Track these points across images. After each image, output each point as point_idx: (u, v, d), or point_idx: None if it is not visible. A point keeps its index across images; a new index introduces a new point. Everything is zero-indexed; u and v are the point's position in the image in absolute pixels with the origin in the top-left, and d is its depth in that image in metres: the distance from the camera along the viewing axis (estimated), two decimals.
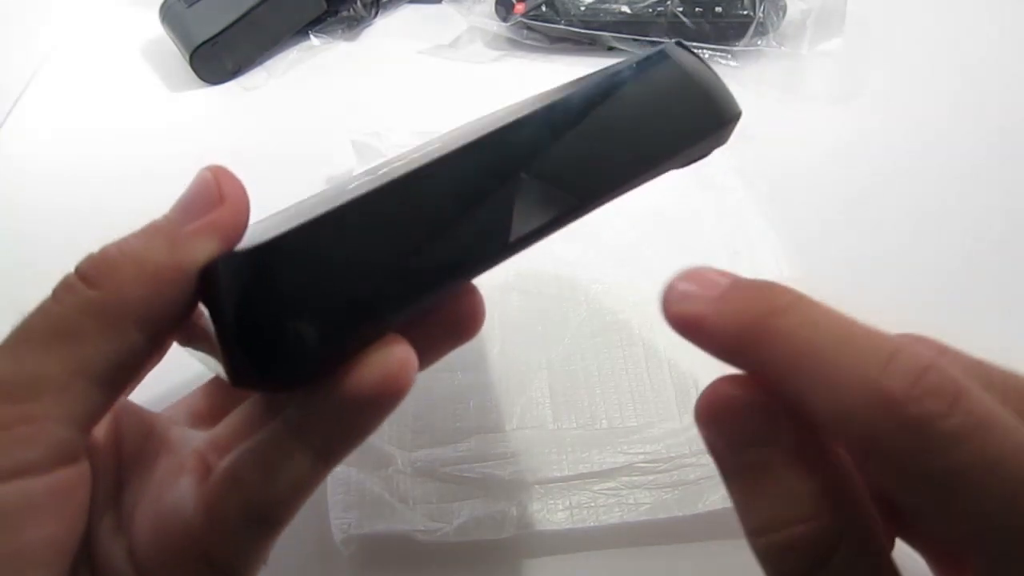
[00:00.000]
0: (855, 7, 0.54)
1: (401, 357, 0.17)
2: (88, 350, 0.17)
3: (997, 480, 0.13)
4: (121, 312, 0.17)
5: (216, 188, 0.19)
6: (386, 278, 0.16)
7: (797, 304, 0.15)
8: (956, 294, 0.39)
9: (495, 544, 0.29)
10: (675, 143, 0.19)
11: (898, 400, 0.14)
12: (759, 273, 0.37)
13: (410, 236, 0.17)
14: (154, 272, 0.17)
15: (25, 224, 0.45)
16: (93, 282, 0.17)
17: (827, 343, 0.15)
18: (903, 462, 0.14)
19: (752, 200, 0.41)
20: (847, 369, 0.14)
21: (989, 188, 0.44)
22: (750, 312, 0.16)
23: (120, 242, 0.18)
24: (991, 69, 0.53)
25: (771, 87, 0.52)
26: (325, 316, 0.16)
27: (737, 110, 0.20)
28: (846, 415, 0.14)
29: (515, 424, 0.32)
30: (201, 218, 0.18)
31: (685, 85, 0.20)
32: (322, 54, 0.57)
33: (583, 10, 0.54)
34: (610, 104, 0.19)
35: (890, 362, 0.14)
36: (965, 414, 0.13)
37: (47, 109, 0.53)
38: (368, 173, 0.30)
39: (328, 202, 0.23)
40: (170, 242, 0.18)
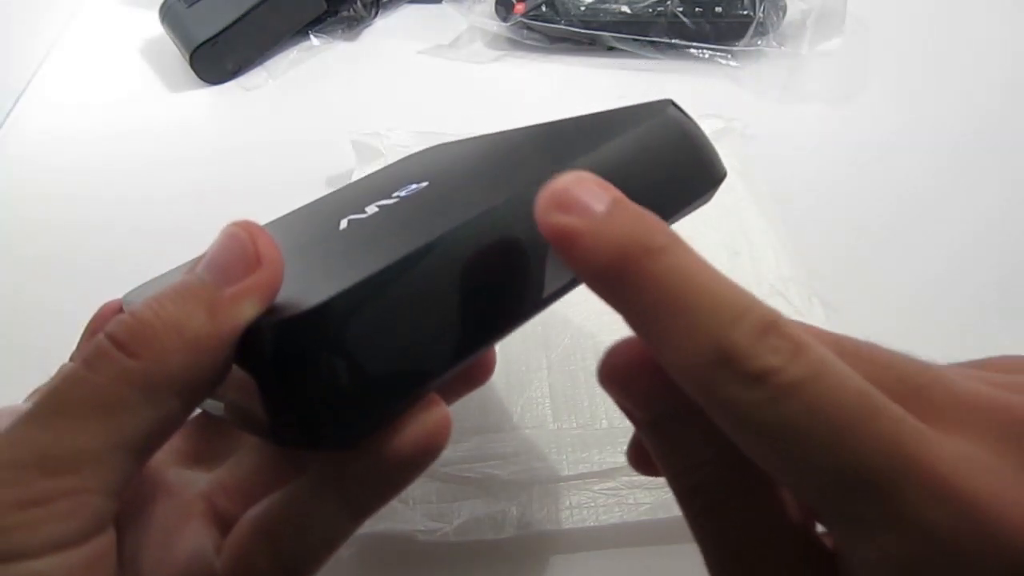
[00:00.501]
0: (855, 7, 0.54)
1: (440, 418, 0.18)
2: (128, 422, 0.16)
3: (826, 426, 0.13)
4: (162, 383, 0.17)
5: (252, 248, 0.18)
6: (436, 342, 0.17)
7: (669, 248, 0.15)
8: (956, 293, 0.39)
9: (495, 544, 0.29)
10: (682, 200, 0.20)
11: (740, 354, 0.14)
12: (759, 273, 0.38)
13: (458, 299, 0.17)
14: (195, 341, 0.17)
15: (25, 224, 0.45)
16: (131, 351, 0.16)
17: (685, 294, 0.15)
18: (741, 415, 0.14)
19: (752, 200, 0.41)
20: (699, 321, 0.14)
21: (989, 188, 0.44)
22: (625, 245, 0.15)
23: (155, 306, 0.17)
24: (991, 69, 0.53)
25: (771, 87, 0.52)
26: (379, 382, 0.16)
27: (724, 170, 0.22)
28: (691, 366, 0.14)
29: (515, 424, 0.32)
30: (239, 281, 0.17)
31: (689, 146, 0.21)
32: (322, 54, 0.57)
33: (583, 10, 0.54)
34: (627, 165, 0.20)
35: (736, 320, 0.14)
36: (802, 366, 0.14)
37: (47, 109, 0.53)
38: (370, 187, 0.30)
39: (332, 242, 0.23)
40: (210, 309, 0.17)
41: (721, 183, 0.21)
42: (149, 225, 0.44)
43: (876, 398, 0.14)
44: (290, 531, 0.18)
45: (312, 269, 0.19)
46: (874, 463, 0.13)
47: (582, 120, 0.25)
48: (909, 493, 0.13)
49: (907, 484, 0.13)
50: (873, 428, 0.13)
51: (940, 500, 0.13)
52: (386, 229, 0.22)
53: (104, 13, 0.61)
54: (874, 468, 0.13)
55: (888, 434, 0.13)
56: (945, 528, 0.13)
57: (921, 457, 0.13)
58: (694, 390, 0.15)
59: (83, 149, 0.49)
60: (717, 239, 0.39)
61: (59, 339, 0.24)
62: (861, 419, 0.14)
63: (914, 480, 0.13)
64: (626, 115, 0.22)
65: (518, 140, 0.27)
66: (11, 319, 0.39)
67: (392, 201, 0.24)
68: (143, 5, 0.58)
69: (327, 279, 0.17)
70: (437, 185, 0.25)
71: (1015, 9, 0.58)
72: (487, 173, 0.24)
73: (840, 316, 0.36)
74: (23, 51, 0.56)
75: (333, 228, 0.24)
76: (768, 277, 0.37)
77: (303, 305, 0.16)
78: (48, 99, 0.54)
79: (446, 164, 0.29)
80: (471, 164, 0.27)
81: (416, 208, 0.23)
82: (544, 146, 0.24)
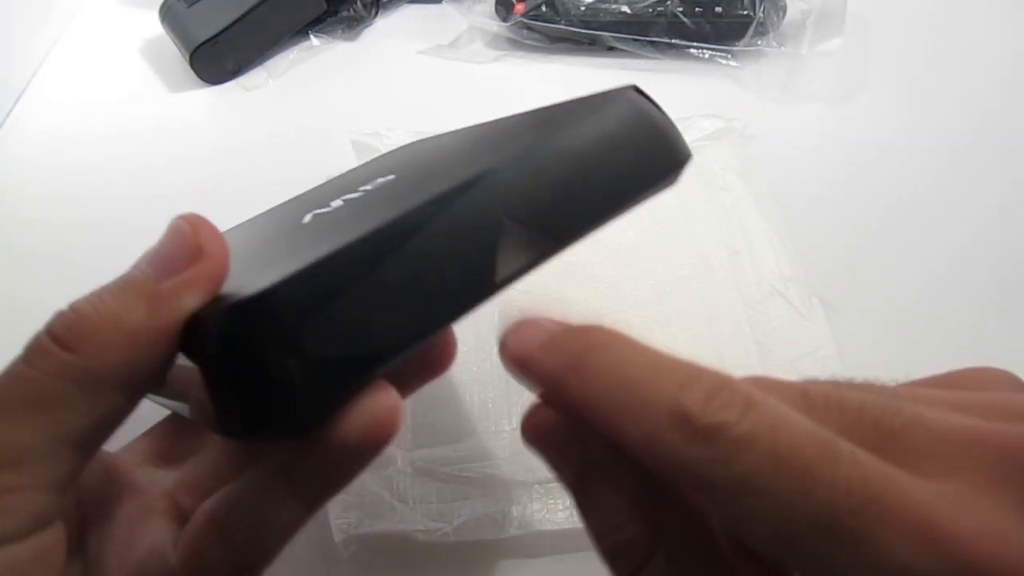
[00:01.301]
0: (855, 7, 0.54)
1: (389, 404, 0.17)
2: (67, 417, 0.16)
3: (787, 473, 0.13)
4: (101, 377, 0.16)
5: (194, 240, 0.18)
6: (383, 327, 0.16)
7: (610, 343, 0.17)
8: (956, 293, 0.39)
9: (495, 544, 0.29)
10: (643, 184, 0.21)
11: (694, 415, 0.14)
12: (759, 273, 0.38)
13: (405, 283, 0.17)
14: (133, 334, 0.17)
15: (25, 224, 0.45)
16: (69, 345, 0.16)
17: (634, 375, 0.16)
18: (702, 474, 0.14)
19: (752, 200, 0.41)
20: (650, 395, 0.15)
21: (989, 188, 0.44)
22: (569, 351, 0.17)
23: (94, 300, 0.17)
24: (991, 69, 0.53)
25: (771, 87, 0.52)
26: (324, 369, 0.16)
27: (689, 153, 0.22)
28: (649, 438, 0.15)
29: (515, 424, 0.32)
30: (179, 274, 0.17)
31: (649, 130, 0.21)
32: (322, 54, 0.57)
33: (583, 10, 0.54)
34: (584, 149, 0.20)
35: (687, 383, 0.15)
36: (756, 417, 0.14)
37: (47, 109, 0.53)
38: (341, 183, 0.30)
39: (292, 235, 0.23)
40: (149, 301, 0.17)
41: (685, 166, 0.21)
42: (149, 225, 0.44)
43: (835, 443, 0.14)
44: (242, 523, 0.18)
45: (264, 261, 0.19)
46: (842, 507, 0.13)
47: (547, 110, 0.25)
48: (886, 538, 0.13)
49: (882, 528, 0.13)
50: (836, 472, 0.13)
51: (919, 542, 0.13)
52: (342, 221, 0.21)
53: (104, 13, 0.61)
54: (843, 513, 0.13)
55: (853, 477, 0.13)
56: (930, 572, 0.13)
57: (893, 498, 0.13)
58: (656, 462, 0.15)
59: (83, 149, 0.49)
60: (717, 239, 0.39)
61: None
62: (821, 465, 0.13)
63: (889, 523, 0.13)
64: (589, 102, 0.22)
65: (485, 132, 0.27)
66: (11, 319, 0.39)
67: (357, 195, 0.24)
68: (143, 5, 0.58)
69: (274, 268, 0.17)
70: (401, 178, 0.25)
71: (1015, 9, 0.58)
72: (449, 163, 0.24)
73: (840, 316, 0.36)
74: (23, 51, 0.56)
75: (297, 223, 0.24)
76: (768, 277, 0.37)
77: (246, 293, 0.16)
78: (48, 99, 0.53)
79: (414, 158, 0.29)
80: (437, 156, 0.27)
81: (376, 200, 0.23)
82: (508, 136, 0.24)
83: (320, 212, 0.24)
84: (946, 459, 0.14)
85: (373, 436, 0.17)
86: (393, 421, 0.17)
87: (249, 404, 0.16)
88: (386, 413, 0.17)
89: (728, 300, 0.37)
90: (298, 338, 0.16)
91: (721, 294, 0.37)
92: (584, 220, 0.19)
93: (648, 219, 0.40)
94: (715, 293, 0.37)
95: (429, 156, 0.28)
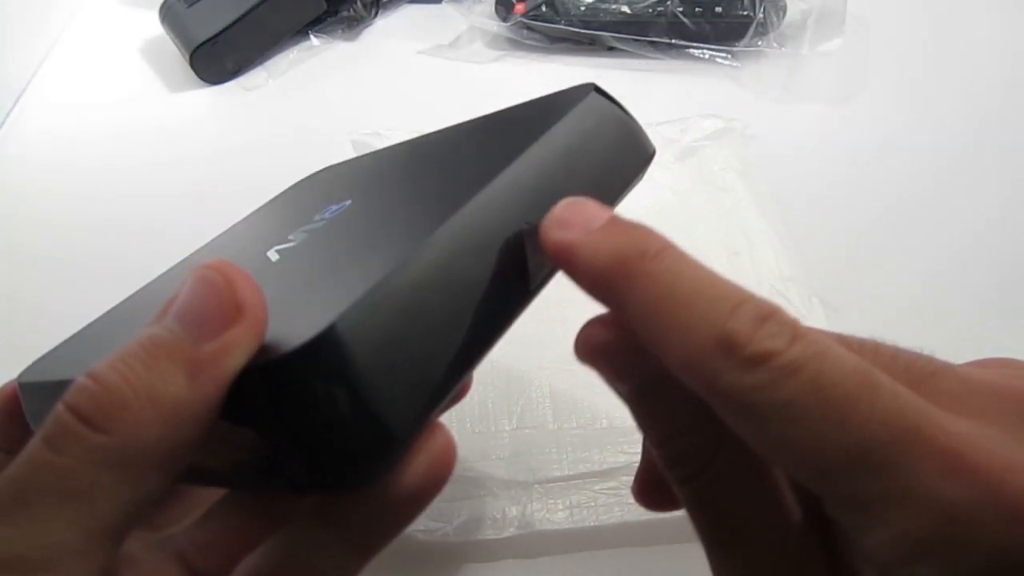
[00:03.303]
0: (855, 7, 0.54)
1: (445, 442, 0.17)
2: (104, 507, 0.14)
3: (828, 402, 0.14)
4: (139, 459, 0.14)
5: (231, 295, 0.15)
6: (443, 353, 0.16)
7: (665, 251, 0.16)
8: (956, 293, 0.39)
9: (495, 544, 0.29)
10: (630, 175, 0.21)
11: (740, 341, 0.14)
12: (759, 273, 0.38)
13: (452, 306, 0.16)
14: (174, 409, 0.15)
15: (25, 224, 0.45)
16: (101, 426, 0.14)
17: (684, 291, 0.15)
18: (743, 400, 0.14)
19: (752, 200, 0.41)
20: (697, 315, 0.15)
21: (989, 188, 0.44)
22: (621, 251, 0.16)
23: (121, 368, 0.15)
24: (991, 69, 0.53)
25: (771, 87, 0.52)
26: (396, 405, 0.15)
27: (654, 148, 0.23)
28: (693, 358, 0.15)
29: (515, 424, 0.32)
30: (219, 335, 0.15)
31: (626, 127, 0.22)
32: (322, 54, 0.57)
33: (583, 10, 0.54)
34: (580, 152, 0.20)
35: (736, 309, 0.15)
36: (802, 347, 0.14)
37: (47, 109, 0.53)
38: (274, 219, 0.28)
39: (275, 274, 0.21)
40: (189, 371, 0.15)
41: (652, 159, 0.22)
42: (149, 225, 0.44)
43: (875, 375, 0.14)
44: None
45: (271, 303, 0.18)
46: (878, 438, 0.13)
47: (505, 115, 0.25)
48: (919, 468, 0.13)
49: (915, 458, 0.13)
50: (874, 403, 0.14)
51: (953, 474, 0.13)
52: (339, 251, 0.20)
53: (104, 13, 0.61)
54: (879, 443, 0.13)
55: (891, 408, 0.14)
56: (961, 502, 0.13)
57: (927, 430, 0.13)
58: (697, 383, 0.15)
59: (83, 149, 0.49)
60: (717, 239, 0.39)
61: (58, 340, 0.24)
62: (861, 395, 0.14)
63: (923, 454, 0.13)
64: (551, 106, 0.22)
65: (437, 146, 0.27)
66: (11, 319, 0.39)
67: (318, 225, 0.23)
68: (143, 5, 0.58)
69: (306, 309, 0.16)
70: (365, 201, 0.24)
71: (1015, 9, 0.58)
72: (424, 181, 0.24)
73: (840, 316, 0.36)
74: (23, 51, 0.56)
75: (264, 262, 0.22)
76: (768, 277, 0.37)
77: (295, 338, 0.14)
78: (48, 99, 0.54)
79: (361, 181, 0.28)
80: (397, 176, 0.26)
81: (357, 226, 0.22)
82: (478, 146, 0.24)
83: (286, 247, 0.23)
84: (975, 404, 0.15)
85: (433, 476, 0.17)
86: (451, 458, 0.17)
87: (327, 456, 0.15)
88: (443, 451, 0.17)
89: None
90: (366, 377, 0.15)
91: None
92: None
93: (648, 219, 0.40)
94: None
95: (385, 178, 0.27)
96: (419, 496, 0.17)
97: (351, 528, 0.17)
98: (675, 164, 0.44)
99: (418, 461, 0.16)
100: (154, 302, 0.18)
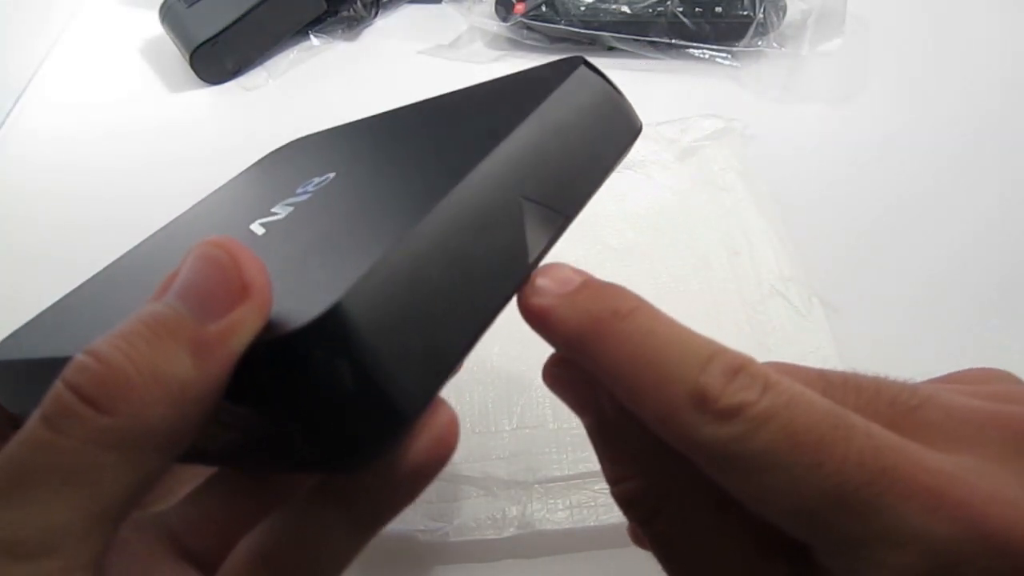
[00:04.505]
0: (855, 7, 0.54)
1: (449, 418, 0.17)
2: (105, 489, 0.14)
3: (802, 448, 0.14)
4: (143, 441, 0.14)
5: (237, 274, 0.15)
6: (454, 318, 0.16)
7: (638, 311, 0.16)
8: (956, 293, 0.39)
9: (495, 544, 0.29)
10: (620, 149, 0.21)
11: (712, 395, 0.15)
12: (759, 273, 0.38)
13: (458, 276, 0.16)
14: (180, 390, 0.14)
15: (25, 224, 0.45)
16: (104, 407, 0.14)
17: (656, 348, 0.16)
18: (719, 452, 0.14)
19: (752, 200, 0.41)
20: (669, 371, 0.15)
21: (989, 188, 0.44)
22: (593, 312, 0.16)
23: (123, 347, 0.14)
24: (991, 69, 0.53)
25: (771, 87, 0.52)
26: (404, 384, 0.15)
27: (641, 123, 0.23)
28: (667, 414, 0.15)
29: (515, 424, 0.32)
30: (224, 314, 0.15)
31: (615, 101, 0.22)
32: (322, 54, 0.57)
33: (583, 10, 0.54)
34: (571, 126, 0.20)
35: (707, 363, 0.15)
36: (772, 396, 0.14)
37: (47, 109, 0.53)
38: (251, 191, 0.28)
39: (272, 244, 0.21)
40: (194, 350, 0.14)
41: (639, 134, 0.22)
42: (149, 225, 0.44)
43: (847, 417, 0.14)
44: (296, 555, 0.17)
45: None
46: (856, 479, 0.13)
47: (492, 87, 0.25)
48: (901, 507, 0.13)
49: (896, 498, 0.13)
50: (849, 444, 0.14)
51: (936, 511, 0.13)
52: (331, 225, 0.20)
53: (104, 13, 0.61)
54: (857, 484, 0.13)
55: (866, 448, 0.14)
56: (946, 539, 0.13)
57: (906, 469, 0.13)
58: (673, 438, 0.15)
59: (83, 149, 0.49)
60: (717, 239, 0.39)
61: None
62: (835, 437, 0.14)
63: (903, 493, 0.13)
64: (541, 79, 0.22)
65: (421, 118, 0.26)
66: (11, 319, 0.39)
67: (304, 198, 0.23)
68: (143, 5, 0.58)
69: (306, 285, 0.16)
70: (351, 174, 0.23)
71: (1015, 9, 0.58)
72: (413, 153, 0.23)
73: (840, 316, 0.36)
74: (23, 51, 0.56)
75: (249, 235, 0.22)
76: (768, 277, 0.37)
77: (299, 316, 0.14)
78: (48, 99, 0.54)
79: (343, 153, 0.28)
80: (382, 147, 0.26)
81: (347, 199, 0.21)
82: (467, 119, 0.24)
83: (271, 220, 0.22)
84: (959, 435, 0.15)
85: (437, 452, 0.17)
86: (454, 435, 0.17)
87: (341, 433, 0.15)
88: (447, 427, 0.17)
89: (728, 300, 0.37)
90: (379, 350, 0.14)
91: (721, 294, 0.37)
92: (583, 195, 0.20)
93: (648, 219, 0.41)
94: (715, 293, 0.37)
95: (367, 149, 0.27)
96: (422, 473, 0.17)
97: (354, 506, 0.17)
98: (675, 164, 0.44)
99: (422, 438, 0.16)
100: (132, 278, 0.18)
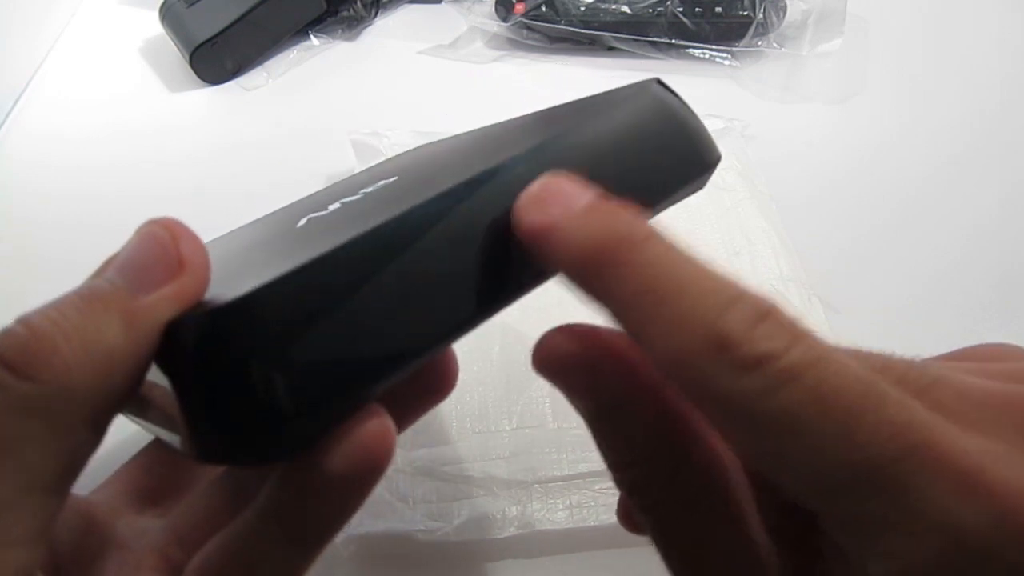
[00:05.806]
0: (855, 7, 0.54)
1: (378, 430, 0.16)
2: (34, 459, 0.14)
3: (831, 413, 0.12)
4: (68, 408, 0.14)
5: (174, 250, 0.16)
6: (376, 341, 0.15)
7: (653, 238, 0.14)
8: (956, 293, 0.39)
9: (495, 544, 0.29)
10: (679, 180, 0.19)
11: (733, 341, 0.13)
12: (759, 273, 0.38)
13: (403, 294, 0.15)
14: (107, 356, 0.14)
15: (25, 224, 0.45)
16: (26, 372, 0.13)
17: (673, 282, 0.14)
18: (737, 406, 0.13)
19: (752, 200, 0.41)
20: (687, 310, 0.13)
21: (989, 188, 0.44)
22: (605, 236, 0.14)
23: (52, 314, 0.14)
24: (991, 69, 0.53)
25: (771, 87, 0.52)
26: (310, 384, 0.14)
27: (718, 155, 0.20)
28: (681, 357, 0.13)
29: (515, 424, 0.32)
30: (157, 288, 0.15)
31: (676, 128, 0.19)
32: (322, 54, 0.57)
33: (583, 10, 0.54)
34: (601, 144, 0.18)
35: (730, 306, 0.13)
36: (802, 351, 0.13)
37: (47, 109, 0.53)
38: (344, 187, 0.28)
39: (284, 239, 0.21)
40: (125, 318, 0.14)
41: (715, 167, 0.20)
42: None
43: (881, 384, 0.13)
44: (236, 572, 0.16)
45: (252, 265, 0.17)
46: (887, 453, 0.12)
47: (565, 107, 0.24)
48: (932, 488, 0.12)
49: (926, 478, 0.12)
50: (881, 414, 0.12)
51: (968, 495, 0.12)
52: (337, 223, 0.20)
53: (104, 13, 0.61)
54: (888, 459, 0.12)
55: (899, 421, 0.12)
56: (973, 528, 0.12)
57: (942, 446, 0.12)
58: (685, 383, 0.14)
59: (83, 149, 0.49)
60: (717, 239, 0.39)
61: None
62: (867, 405, 0.12)
63: (937, 472, 0.12)
64: (610, 97, 0.21)
65: (498, 131, 0.26)
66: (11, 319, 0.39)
67: (356, 197, 0.23)
68: (143, 5, 0.58)
69: (261, 272, 0.15)
70: (403, 179, 0.23)
71: (1015, 9, 0.58)
72: (455, 164, 0.22)
73: (840, 316, 0.36)
74: (23, 51, 0.56)
75: (291, 227, 0.22)
76: (768, 277, 0.37)
77: (226, 298, 0.14)
78: (48, 99, 0.53)
79: (420, 160, 0.28)
80: (443, 157, 0.25)
81: (375, 202, 0.21)
82: (521, 134, 0.23)
83: (316, 216, 0.22)
84: (974, 419, 0.13)
85: (363, 465, 0.16)
86: (385, 448, 0.16)
87: (228, 422, 0.14)
88: (375, 440, 0.15)
89: None
90: (285, 347, 0.14)
91: None
92: None
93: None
94: None
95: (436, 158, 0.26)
96: (351, 485, 0.16)
97: (287, 521, 0.16)
98: None
99: (346, 447, 0.15)
100: None
